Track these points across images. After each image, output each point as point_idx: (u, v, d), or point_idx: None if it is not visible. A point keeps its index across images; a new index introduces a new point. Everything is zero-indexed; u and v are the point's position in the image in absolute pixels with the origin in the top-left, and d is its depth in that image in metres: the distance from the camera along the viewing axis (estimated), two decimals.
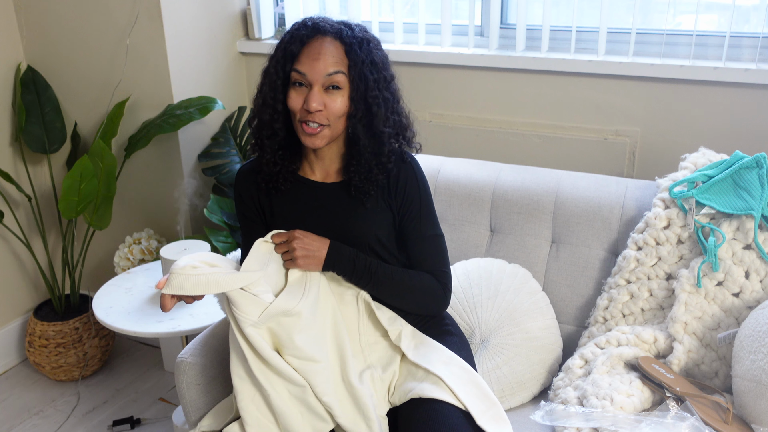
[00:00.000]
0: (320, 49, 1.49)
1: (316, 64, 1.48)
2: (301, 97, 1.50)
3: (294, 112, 1.52)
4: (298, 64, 1.50)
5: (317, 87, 1.49)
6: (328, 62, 1.48)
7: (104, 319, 2.08)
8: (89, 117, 2.72)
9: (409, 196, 1.61)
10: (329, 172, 1.63)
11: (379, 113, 1.53)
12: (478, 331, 1.86)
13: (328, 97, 1.50)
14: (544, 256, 1.99)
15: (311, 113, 1.49)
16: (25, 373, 2.81)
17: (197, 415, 1.66)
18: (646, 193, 1.93)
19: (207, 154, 2.65)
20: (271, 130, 1.56)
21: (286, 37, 1.53)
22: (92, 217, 2.50)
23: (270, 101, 1.54)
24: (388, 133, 1.55)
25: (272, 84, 1.53)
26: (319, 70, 1.48)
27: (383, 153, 1.56)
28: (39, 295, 2.95)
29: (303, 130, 1.51)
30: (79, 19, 2.58)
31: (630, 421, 1.53)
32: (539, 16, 2.34)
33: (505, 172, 2.08)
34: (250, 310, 1.46)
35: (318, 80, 1.48)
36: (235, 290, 1.46)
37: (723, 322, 1.73)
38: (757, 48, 2.07)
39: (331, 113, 1.50)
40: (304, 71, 1.49)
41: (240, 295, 1.46)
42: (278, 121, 1.55)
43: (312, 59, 1.48)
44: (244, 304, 1.46)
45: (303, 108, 1.50)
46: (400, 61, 2.47)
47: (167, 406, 2.59)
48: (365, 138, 1.54)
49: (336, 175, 1.63)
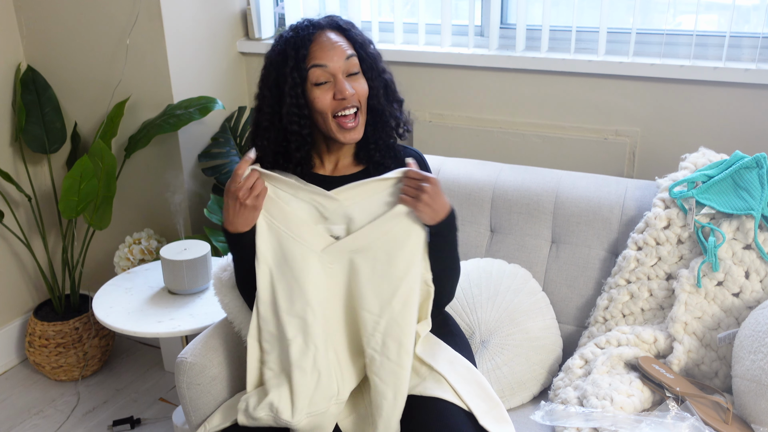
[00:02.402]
0: (328, 39, 1.52)
1: (334, 52, 1.51)
2: (329, 92, 1.51)
3: (324, 111, 1.52)
4: (316, 59, 1.50)
5: (340, 75, 1.51)
6: (341, 49, 1.51)
7: (104, 319, 2.08)
8: (89, 117, 2.72)
9: None
10: (339, 165, 1.64)
11: (392, 82, 1.60)
12: (478, 332, 1.86)
13: (352, 81, 1.53)
14: (544, 256, 1.99)
15: (345, 99, 1.51)
16: (25, 373, 2.81)
17: (197, 415, 1.66)
18: (646, 193, 1.93)
19: (207, 154, 2.65)
20: (300, 138, 1.55)
21: (289, 45, 1.52)
22: (92, 217, 2.50)
23: (295, 109, 1.52)
24: (401, 100, 1.63)
25: (292, 92, 1.51)
26: (338, 56, 1.51)
27: (401, 121, 1.62)
28: (39, 295, 2.95)
29: (340, 126, 1.53)
30: (79, 19, 2.58)
31: (630, 421, 1.53)
32: (539, 16, 2.34)
33: (505, 172, 2.08)
34: (314, 241, 1.52)
35: (340, 67, 1.51)
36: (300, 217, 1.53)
37: (723, 322, 1.73)
38: (757, 48, 2.06)
39: (361, 95, 1.54)
40: (325, 62, 1.50)
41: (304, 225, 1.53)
42: (306, 127, 1.54)
43: (327, 50, 1.51)
44: (309, 234, 1.52)
45: (336, 100, 1.51)
46: (400, 61, 2.47)
47: (167, 406, 2.59)
48: (388, 109, 1.59)
49: (346, 167, 1.64)
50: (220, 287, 1.73)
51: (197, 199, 2.69)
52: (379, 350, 1.50)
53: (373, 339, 1.50)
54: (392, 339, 1.50)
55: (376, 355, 1.50)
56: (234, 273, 1.67)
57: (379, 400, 1.48)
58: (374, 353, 1.50)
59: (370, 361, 1.51)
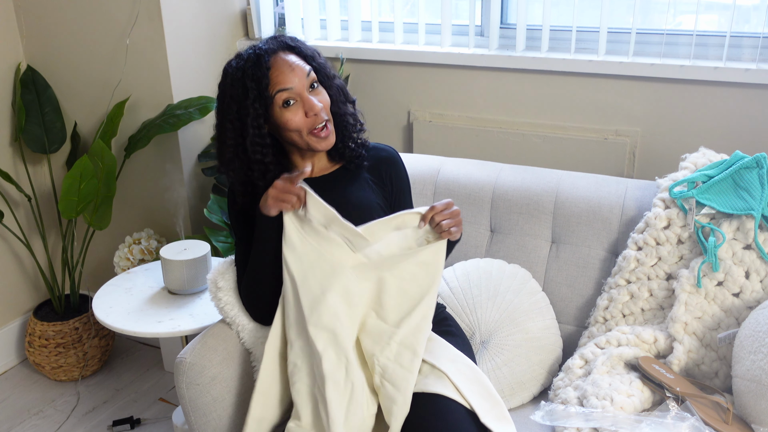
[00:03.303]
0: (285, 61, 1.56)
1: (295, 73, 1.56)
2: (298, 111, 1.56)
3: (299, 129, 1.57)
4: (280, 84, 1.55)
5: (305, 92, 1.56)
6: (298, 68, 1.56)
7: (104, 319, 2.08)
8: (89, 117, 2.72)
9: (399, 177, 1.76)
10: (316, 167, 1.69)
11: (344, 85, 1.70)
12: (478, 332, 1.86)
13: (316, 95, 1.58)
14: (544, 256, 1.99)
15: (317, 116, 1.56)
16: (25, 373, 2.81)
17: (197, 415, 1.66)
18: (646, 193, 1.93)
19: (207, 154, 2.64)
20: (263, 166, 1.60)
21: (248, 76, 1.54)
22: (92, 217, 2.50)
23: (258, 139, 1.57)
24: (353, 100, 1.73)
25: (255, 122, 1.55)
26: (300, 76, 1.56)
27: (357, 119, 1.71)
28: (39, 295, 2.95)
29: (316, 137, 1.58)
30: (79, 19, 2.58)
31: (630, 421, 1.53)
32: (539, 16, 2.34)
33: (505, 172, 2.08)
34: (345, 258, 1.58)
35: (304, 85, 1.56)
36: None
37: (723, 322, 1.73)
38: (758, 48, 2.06)
39: (326, 106, 1.61)
40: (291, 85, 1.55)
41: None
42: (269, 155, 1.60)
43: (287, 72, 1.55)
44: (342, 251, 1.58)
45: (309, 117, 1.56)
46: (400, 61, 2.47)
47: (167, 406, 2.59)
48: (345, 110, 1.68)
49: (323, 168, 1.71)
50: (215, 291, 1.73)
51: (197, 200, 2.69)
52: (393, 359, 1.54)
53: (388, 348, 1.55)
54: (407, 348, 1.54)
55: (389, 364, 1.53)
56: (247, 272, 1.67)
57: (388, 405, 1.50)
58: (387, 362, 1.54)
59: (383, 369, 1.53)
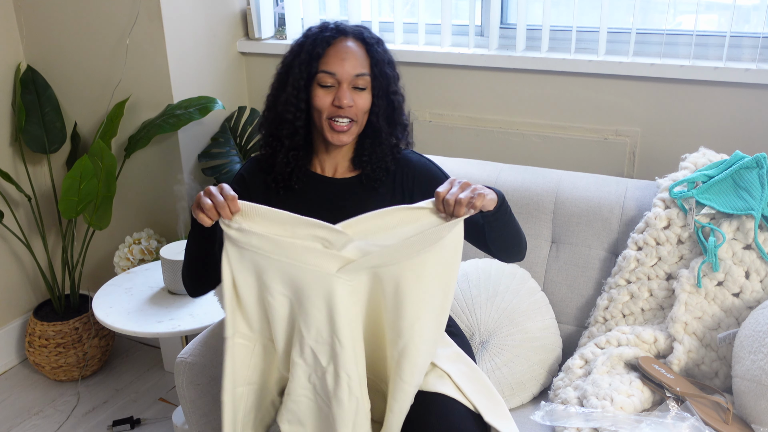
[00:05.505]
0: (346, 49, 1.56)
1: (345, 64, 1.55)
2: (330, 96, 1.56)
3: (321, 110, 1.57)
4: (325, 65, 1.55)
5: (345, 85, 1.56)
6: (355, 63, 1.56)
7: (104, 319, 2.08)
8: (89, 117, 2.72)
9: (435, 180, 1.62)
10: (339, 167, 1.67)
11: (400, 107, 1.64)
12: (478, 333, 1.86)
13: (356, 95, 1.57)
14: (544, 256, 1.99)
15: (342, 109, 1.55)
16: (24, 373, 2.81)
17: (197, 415, 1.66)
18: (646, 193, 1.93)
19: (207, 154, 2.65)
20: (293, 128, 1.60)
21: (309, 39, 1.57)
22: (92, 217, 2.49)
23: (293, 99, 1.58)
24: (405, 124, 1.67)
25: (296, 84, 1.57)
26: (347, 70, 1.55)
27: (399, 143, 1.66)
28: (39, 295, 2.95)
29: (331, 127, 1.57)
30: (79, 19, 2.58)
31: (630, 422, 1.53)
32: (539, 16, 2.34)
33: (505, 172, 2.08)
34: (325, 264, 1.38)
35: (346, 79, 1.56)
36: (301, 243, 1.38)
37: (723, 322, 1.73)
38: (758, 48, 2.06)
39: (359, 110, 1.58)
40: (334, 71, 1.55)
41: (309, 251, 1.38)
42: (300, 119, 1.60)
43: (340, 59, 1.55)
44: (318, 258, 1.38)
45: (332, 105, 1.56)
46: (400, 61, 2.45)
47: (167, 406, 2.59)
48: (386, 130, 1.63)
49: (346, 170, 1.68)
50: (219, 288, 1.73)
51: None
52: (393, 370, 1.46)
53: (391, 359, 1.46)
54: (408, 361, 1.43)
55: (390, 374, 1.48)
56: (188, 261, 1.61)
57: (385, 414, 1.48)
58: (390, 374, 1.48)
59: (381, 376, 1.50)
